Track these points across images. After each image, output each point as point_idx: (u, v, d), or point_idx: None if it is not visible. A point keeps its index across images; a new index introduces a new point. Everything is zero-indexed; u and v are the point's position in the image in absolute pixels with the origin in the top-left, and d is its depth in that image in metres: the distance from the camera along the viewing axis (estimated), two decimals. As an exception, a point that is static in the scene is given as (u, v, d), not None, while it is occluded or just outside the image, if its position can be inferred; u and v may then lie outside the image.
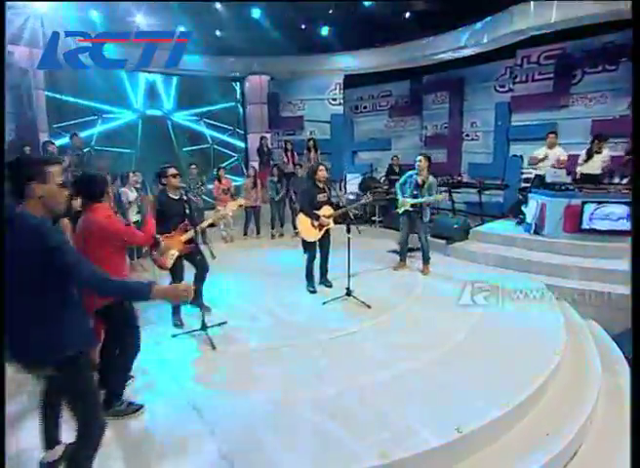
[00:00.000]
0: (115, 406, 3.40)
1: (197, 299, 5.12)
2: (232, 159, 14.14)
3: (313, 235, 6.04)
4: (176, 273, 4.91)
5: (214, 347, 4.48)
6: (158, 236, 4.19)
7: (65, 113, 11.47)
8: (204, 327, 4.73)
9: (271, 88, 13.47)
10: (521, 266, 6.90)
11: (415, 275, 6.84)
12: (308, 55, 12.48)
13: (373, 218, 10.70)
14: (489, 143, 11.48)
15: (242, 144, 14.16)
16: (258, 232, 10.16)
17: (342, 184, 12.79)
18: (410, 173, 6.94)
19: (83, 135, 11.74)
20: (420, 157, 6.78)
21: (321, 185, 6.10)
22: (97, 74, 11.10)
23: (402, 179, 7.00)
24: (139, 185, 7.99)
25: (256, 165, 11.88)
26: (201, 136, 13.70)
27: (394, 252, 7.71)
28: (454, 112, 12.06)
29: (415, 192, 6.76)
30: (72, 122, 11.48)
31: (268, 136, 13.50)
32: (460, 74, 11.81)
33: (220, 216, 5.84)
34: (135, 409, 3.46)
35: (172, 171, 4.98)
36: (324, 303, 5.64)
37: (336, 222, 6.28)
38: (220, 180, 9.72)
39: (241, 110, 14.06)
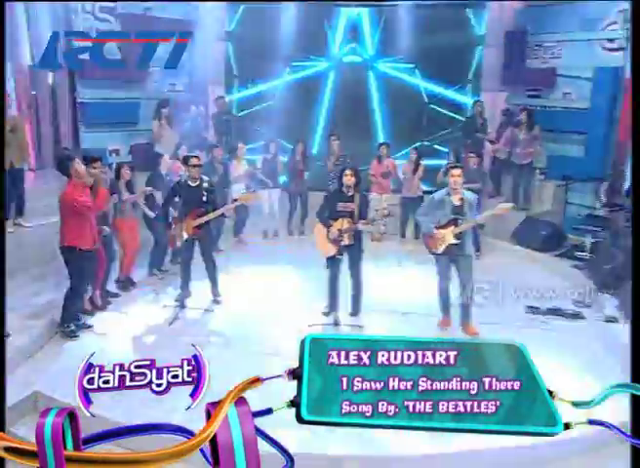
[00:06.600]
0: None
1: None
2: (453, 127, 9.89)
3: (326, 249, 5.36)
4: (181, 253, 5.65)
5: (170, 323, 5.19)
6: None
7: (246, 59, 9.72)
8: (182, 304, 5.46)
9: (517, 19, 8.38)
10: None
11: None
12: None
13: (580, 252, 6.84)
14: None
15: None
16: (416, 236, 7.40)
17: (611, 189, 7.47)
18: (438, 194, 5.27)
19: (267, 86, 9.96)
20: (456, 170, 5.08)
21: (349, 193, 5.26)
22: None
23: (424, 206, 5.53)
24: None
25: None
26: (413, 92, 9.87)
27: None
28: None
29: (452, 217, 5.10)
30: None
31: (501, 96, 8.80)
32: None
33: (230, 207, 6.02)
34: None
35: (194, 161, 5.37)
36: (310, 326, 4.96)
37: None
38: (379, 160, 7.80)
39: (479, 53, 9.49)
